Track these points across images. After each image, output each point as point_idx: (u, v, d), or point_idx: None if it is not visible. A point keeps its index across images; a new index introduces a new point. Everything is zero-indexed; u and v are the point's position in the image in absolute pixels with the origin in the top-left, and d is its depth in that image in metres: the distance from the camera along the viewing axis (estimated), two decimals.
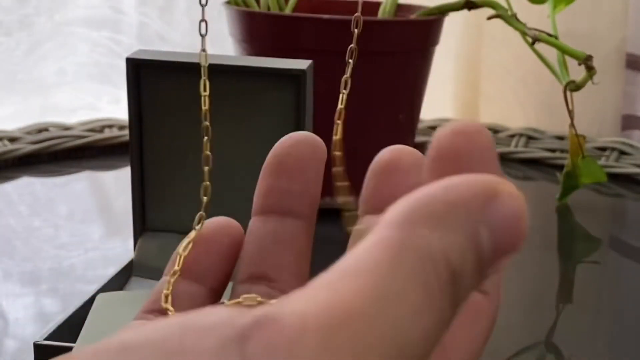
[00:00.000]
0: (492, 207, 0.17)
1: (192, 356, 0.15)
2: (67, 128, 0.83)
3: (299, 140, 0.26)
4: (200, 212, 0.25)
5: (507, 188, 0.18)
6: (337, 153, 0.24)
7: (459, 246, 0.17)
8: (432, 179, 0.18)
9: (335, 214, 0.26)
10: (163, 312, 0.26)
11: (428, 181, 0.18)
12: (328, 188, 0.75)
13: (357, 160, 0.72)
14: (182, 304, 0.26)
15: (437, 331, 0.17)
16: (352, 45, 0.23)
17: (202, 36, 0.24)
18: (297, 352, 0.15)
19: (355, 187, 0.70)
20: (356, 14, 0.23)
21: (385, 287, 0.16)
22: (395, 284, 0.16)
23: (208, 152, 0.24)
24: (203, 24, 0.24)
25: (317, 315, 0.16)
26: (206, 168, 0.22)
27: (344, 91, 0.23)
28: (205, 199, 0.25)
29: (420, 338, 0.16)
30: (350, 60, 0.23)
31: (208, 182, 0.24)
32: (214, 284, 0.27)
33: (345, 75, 0.23)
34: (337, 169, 0.24)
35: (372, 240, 0.17)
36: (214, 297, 0.27)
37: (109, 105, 0.92)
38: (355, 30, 0.23)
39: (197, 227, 0.25)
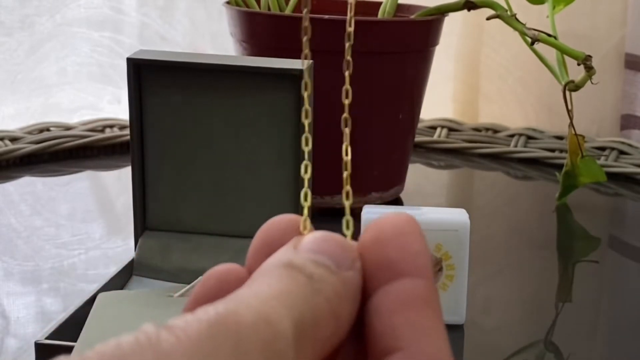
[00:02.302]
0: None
1: None
2: (68, 128, 0.83)
3: (285, 225, 0.24)
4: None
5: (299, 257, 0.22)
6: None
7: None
8: None
9: (336, 214, 0.27)
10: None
11: None
12: (328, 188, 0.75)
13: (357, 159, 0.72)
14: None
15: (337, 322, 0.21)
16: (347, 57, 0.23)
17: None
18: None
19: (356, 185, 0.70)
20: (350, 14, 0.22)
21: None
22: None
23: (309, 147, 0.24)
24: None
25: None
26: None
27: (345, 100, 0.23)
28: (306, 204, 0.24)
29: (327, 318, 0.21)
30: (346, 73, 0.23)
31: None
32: None
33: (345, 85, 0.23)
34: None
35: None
36: None
37: (110, 105, 0.92)
38: (349, 29, 0.23)
39: None
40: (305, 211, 0.24)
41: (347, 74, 0.24)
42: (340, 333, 0.21)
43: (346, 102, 0.23)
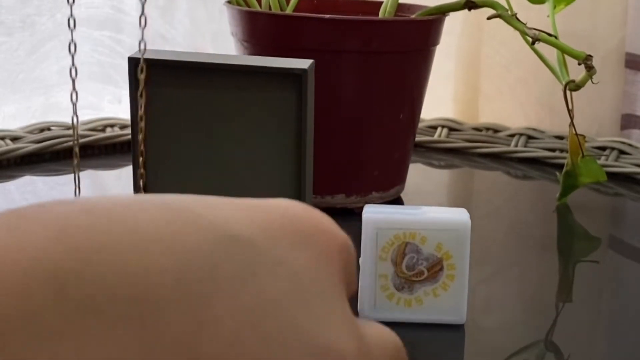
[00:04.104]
0: None
1: None
2: (69, 127, 0.83)
3: None
4: None
5: None
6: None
7: None
8: None
9: (336, 214, 0.27)
10: None
11: None
12: (328, 188, 0.75)
13: (359, 159, 0.72)
14: None
15: None
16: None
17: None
18: None
19: (357, 185, 0.70)
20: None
21: None
22: None
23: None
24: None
25: None
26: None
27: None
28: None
29: None
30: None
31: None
32: None
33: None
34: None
35: None
36: None
37: (111, 104, 0.92)
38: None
39: None
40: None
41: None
42: None
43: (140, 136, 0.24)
